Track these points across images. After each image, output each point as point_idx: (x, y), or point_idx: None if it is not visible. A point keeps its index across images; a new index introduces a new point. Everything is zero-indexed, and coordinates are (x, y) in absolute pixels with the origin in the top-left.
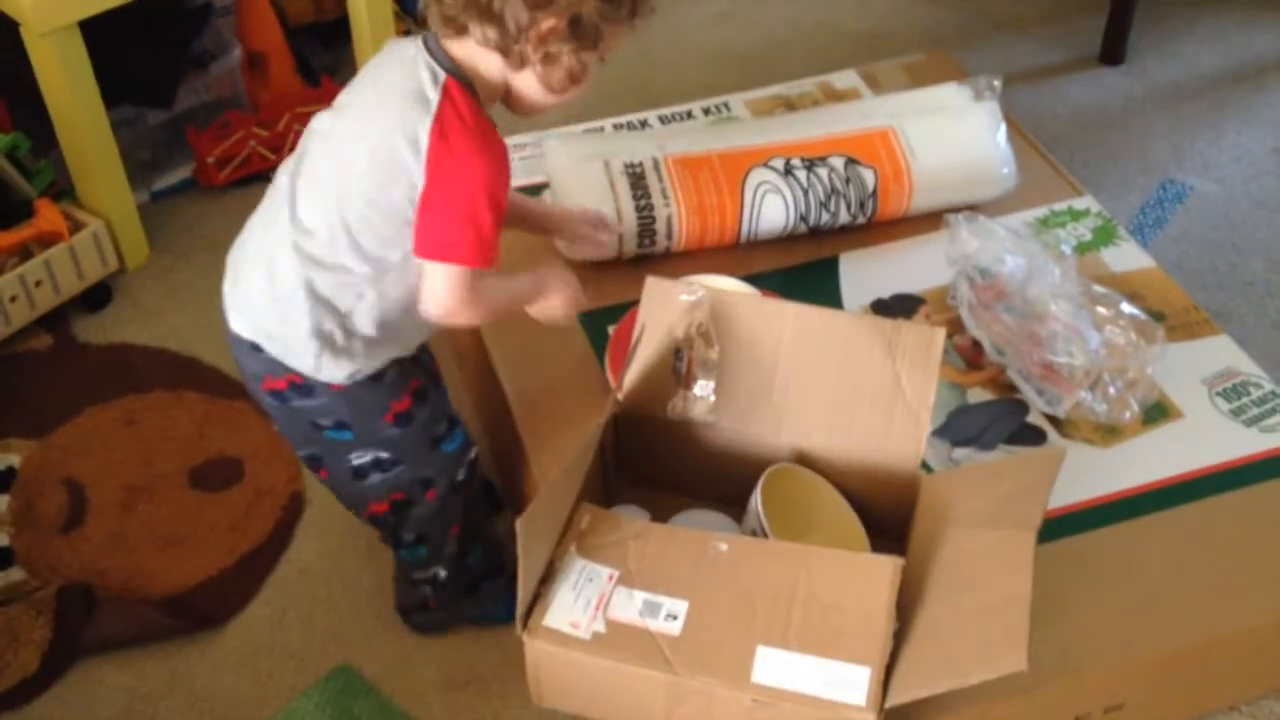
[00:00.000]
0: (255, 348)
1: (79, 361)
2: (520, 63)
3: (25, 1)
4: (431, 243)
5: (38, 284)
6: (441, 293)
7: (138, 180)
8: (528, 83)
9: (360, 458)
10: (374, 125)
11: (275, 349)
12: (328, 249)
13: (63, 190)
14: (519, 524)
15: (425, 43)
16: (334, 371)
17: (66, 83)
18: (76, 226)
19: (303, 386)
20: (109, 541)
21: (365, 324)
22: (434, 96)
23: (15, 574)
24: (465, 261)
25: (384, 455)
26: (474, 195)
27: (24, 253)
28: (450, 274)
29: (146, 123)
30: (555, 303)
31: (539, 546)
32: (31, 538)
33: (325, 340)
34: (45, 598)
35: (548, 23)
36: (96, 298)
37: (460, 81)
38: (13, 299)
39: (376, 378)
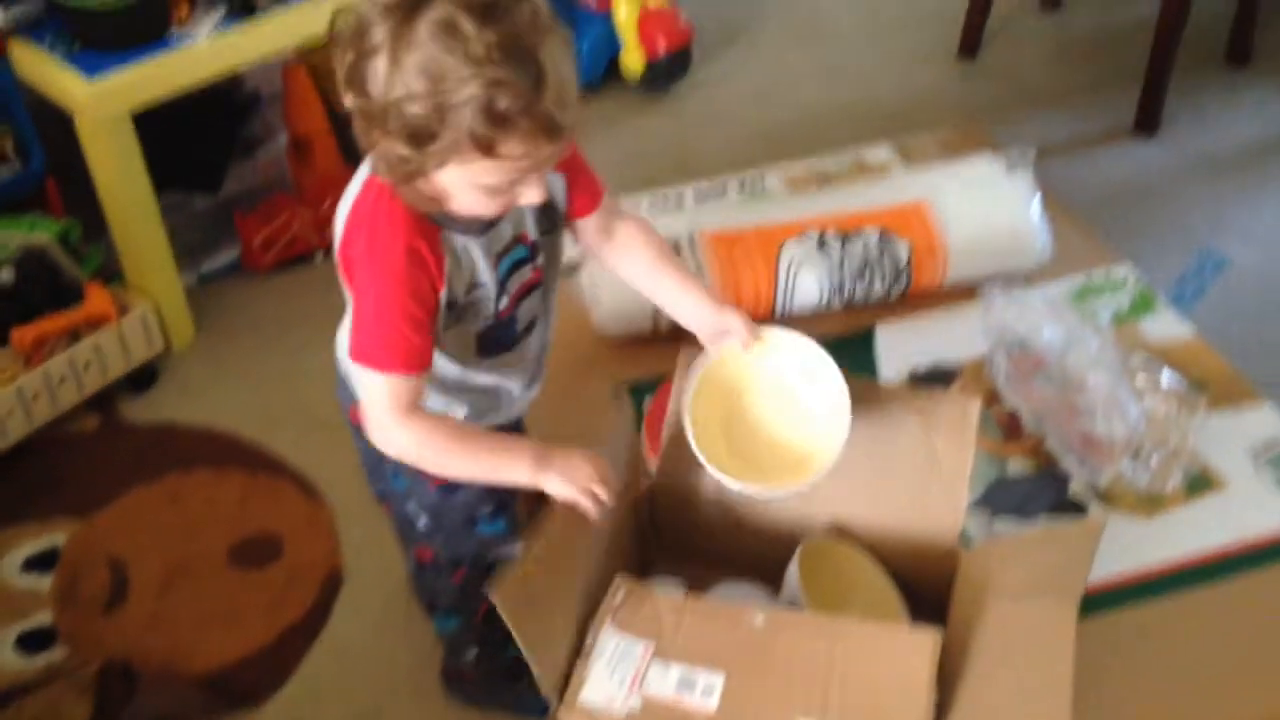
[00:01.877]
0: (342, 382)
1: (125, 441)
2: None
3: (80, 94)
4: (352, 346)
5: (86, 366)
6: (367, 404)
7: (186, 262)
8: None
9: (411, 510)
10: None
11: (353, 384)
12: None
13: (112, 273)
14: (494, 595)
15: None
16: None
17: (118, 170)
18: (124, 309)
19: None
20: (150, 620)
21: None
22: (354, 190)
23: (58, 653)
24: (375, 365)
25: (425, 521)
26: (378, 296)
27: (73, 335)
28: (371, 383)
29: (194, 207)
30: (562, 488)
31: (532, 618)
32: (74, 616)
33: None
34: (87, 677)
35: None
36: (143, 378)
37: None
38: (61, 381)
39: None
